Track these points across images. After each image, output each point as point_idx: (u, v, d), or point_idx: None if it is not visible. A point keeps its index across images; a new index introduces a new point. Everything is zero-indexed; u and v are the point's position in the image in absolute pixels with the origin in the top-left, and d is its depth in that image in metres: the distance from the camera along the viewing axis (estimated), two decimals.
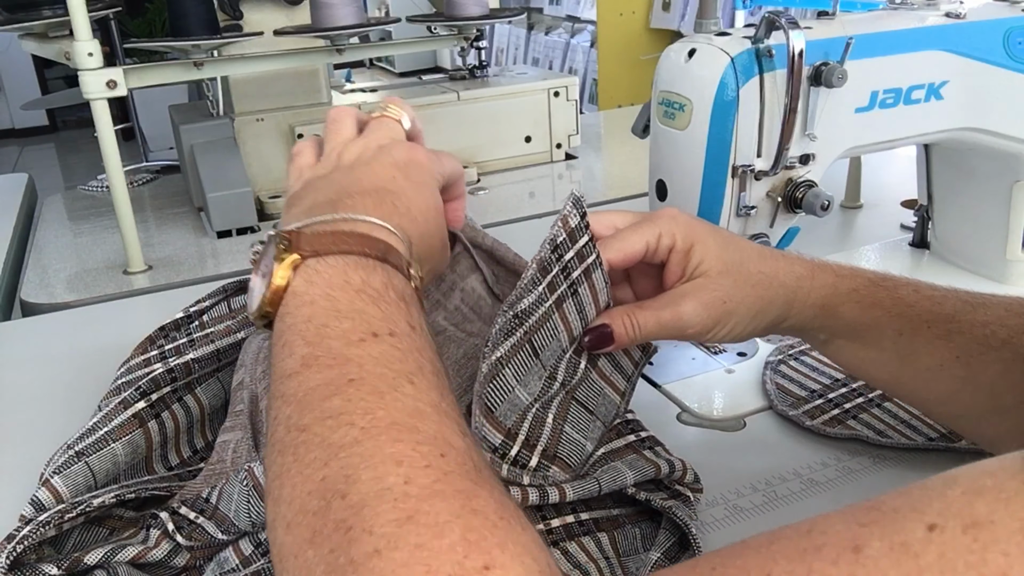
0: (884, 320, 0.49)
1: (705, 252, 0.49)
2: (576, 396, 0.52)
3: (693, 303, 0.49)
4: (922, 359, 0.48)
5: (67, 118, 6.07)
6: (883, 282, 0.50)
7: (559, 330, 0.49)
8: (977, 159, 0.75)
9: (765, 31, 0.60)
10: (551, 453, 0.49)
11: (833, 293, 0.50)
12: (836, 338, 0.51)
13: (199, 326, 0.64)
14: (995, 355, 0.46)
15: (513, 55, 4.16)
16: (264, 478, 0.44)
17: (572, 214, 0.48)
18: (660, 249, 0.50)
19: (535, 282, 0.47)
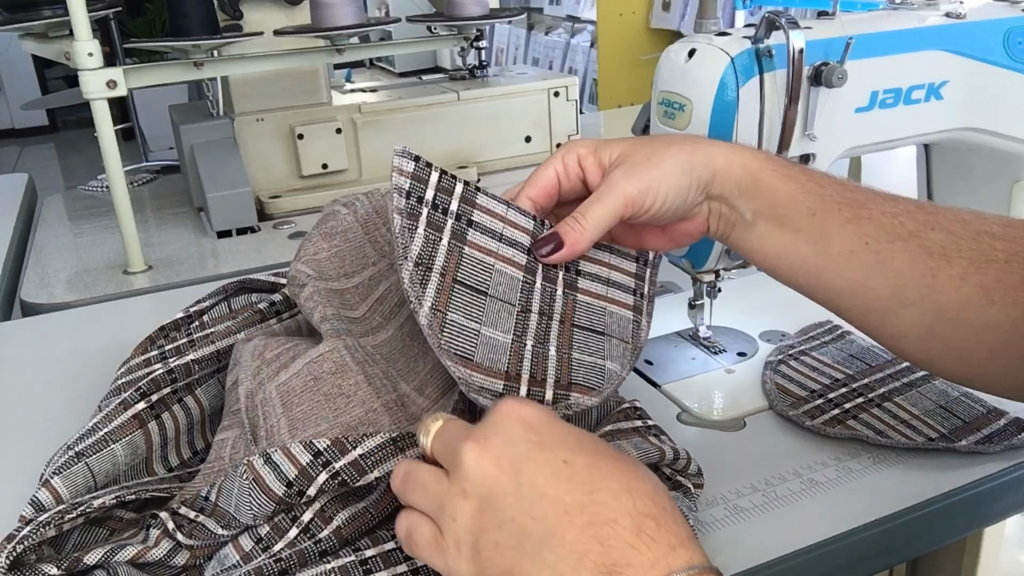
0: (798, 195, 0.50)
1: (610, 144, 0.53)
2: (576, 323, 0.52)
3: (620, 171, 0.51)
4: (834, 243, 0.49)
5: (67, 118, 6.06)
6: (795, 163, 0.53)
7: (488, 262, 0.50)
8: (977, 159, 0.75)
9: (765, 31, 0.60)
10: (565, 382, 0.49)
11: (751, 157, 0.52)
12: (759, 219, 0.51)
13: (199, 326, 0.64)
14: (902, 244, 0.47)
15: (513, 55, 4.16)
16: (264, 470, 0.44)
17: (404, 162, 0.50)
18: (569, 167, 0.53)
19: (410, 229, 0.48)
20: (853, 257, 0.49)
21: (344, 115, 1.22)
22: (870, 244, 0.48)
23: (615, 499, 0.36)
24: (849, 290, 0.50)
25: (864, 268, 0.48)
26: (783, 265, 0.52)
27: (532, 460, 0.38)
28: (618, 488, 0.37)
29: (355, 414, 0.49)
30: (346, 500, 0.46)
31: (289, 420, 0.48)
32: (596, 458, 0.38)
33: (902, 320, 0.48)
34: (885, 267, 0.48)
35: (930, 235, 0.47)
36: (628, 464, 0.39)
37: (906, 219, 0.48)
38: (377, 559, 0.43)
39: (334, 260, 0.59)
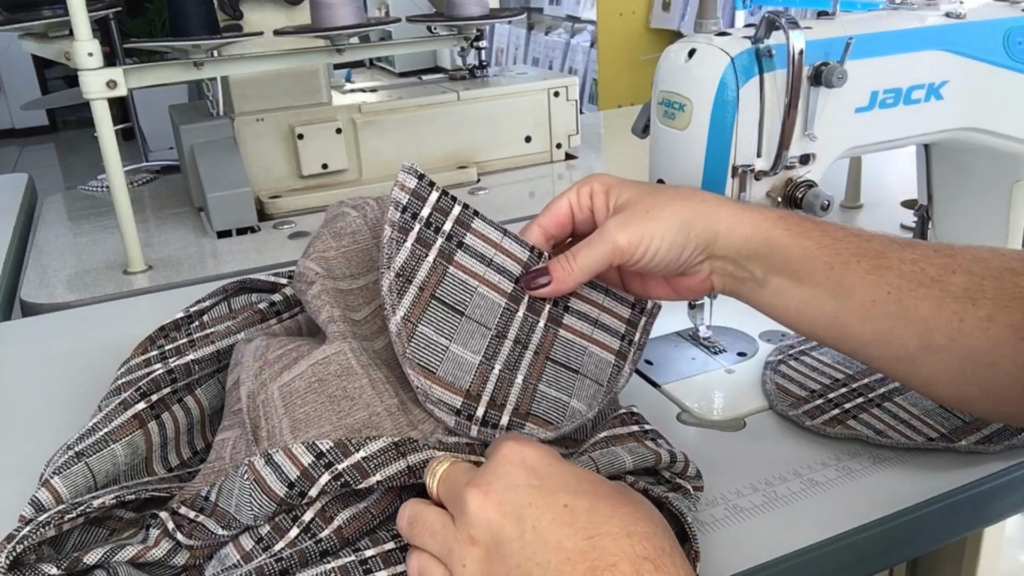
0: (813, 251, 0.50)
1: (623, 187, 0.54)
2: (552, 357, 0.54)
3: (616, 219, 0.52)
4: (855, 295, 0.48)
5: (67, 118, 6.07)
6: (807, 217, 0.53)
7: (471, 284, 0.52)
8: (977, 159, 0.75)
9: (765, 31, 0.60)
10: (523, 411, 0.51)
11: (761, 217, 0.52)
12: (772, 276, 0.51)
13: (199, 326, 0.64)
14: (925, 291, 0.47)
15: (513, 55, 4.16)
16: (265, 471, 0.44)
17: (407, 178, 0.51)
18: (582, 200, 0.55)
19: (398, 241, 0.50)
20: (875, 308, 0.48)
21: (344, 115, 1.22)
22: (892, 293, 0.48)
23: (615, 543, 0.37)
24: (874, 340, 0.49)
25: (888, 318, 0.48)
26: (802, 320, 0.52)
27: (534, 505, 0.39)
28: (618, 532, 0.38)
29: (358, 417, 0.49)
30: (347, 500, 0.46)
31: (291, 421, 0.48)
32: (596, 501, 0.39)
33: (931, 366, 0.48)
34: (909, 315, 0.47)
35: (952, 279, 0.47)
36: (628, 505, 0.40)
37: (926, 264, 0.48)
38: (377, 559, 0.43)
39: (341, 260, 0.59)
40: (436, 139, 1.29)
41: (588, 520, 0.38)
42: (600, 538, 0.37)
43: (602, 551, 0.37)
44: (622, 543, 0.37)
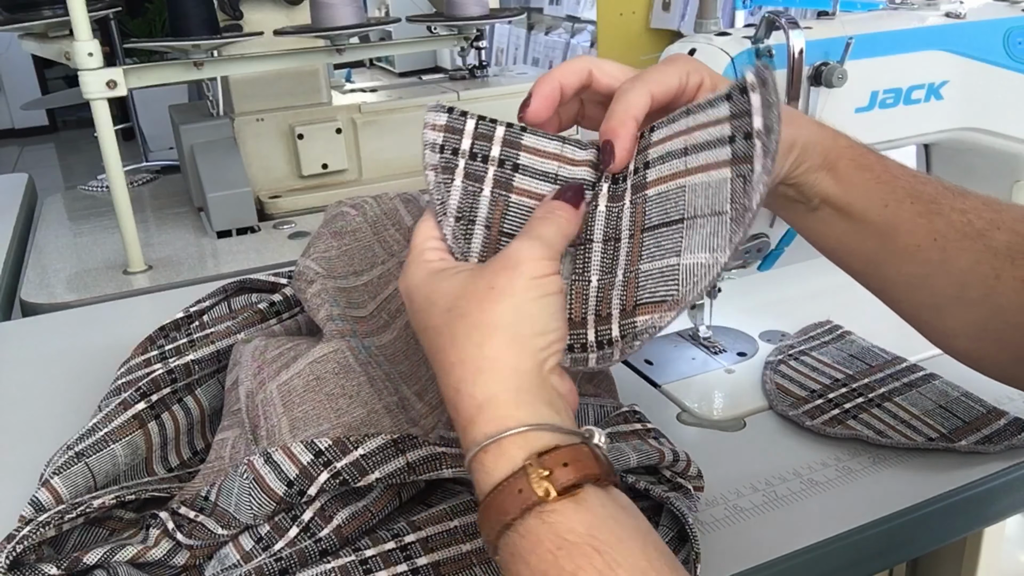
0: (872, 187, 0.48)
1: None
2: (647, 225, 0.43)
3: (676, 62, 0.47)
4: (902, 237, 0.48)
5: (67, 118, 6.06)
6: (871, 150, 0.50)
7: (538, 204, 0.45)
8: (977, 159, 0.75)
9: (765, 31, 0.60)
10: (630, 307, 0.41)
11: (834, 144, 0.49)
12: (826, 205, 0.49)
13: (199, 326, 0.64)
14: (970, 244, 0.46)
15: (513, 55, 4.16)
16: (264, 470, 0.44)
17: (436, 116, 0.45)
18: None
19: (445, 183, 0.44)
20: (919, 252, 0.47)
21: (344, 115, 1.22)
22: (938, 241, 0.47)
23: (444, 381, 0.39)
24: (908, 284, 0.49)
25: (928, 264, 0.47)
26: (841, 250, 0.50)
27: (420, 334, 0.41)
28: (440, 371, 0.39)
29: (357, 415, 0.49)
30: (346, 499, 0.46)
31: (290, 420, 0.48)
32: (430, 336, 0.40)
33: (957, 318, 0.48)
34: (949, 265, 0.47)
35: (996, 235, 0.46)
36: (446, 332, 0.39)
37: (974, 216, 0.47)
38: (377, 559, 0.43)
39: (343, 258, 0.59)
40: None
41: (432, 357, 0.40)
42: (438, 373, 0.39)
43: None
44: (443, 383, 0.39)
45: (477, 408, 0.36)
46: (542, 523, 0.34)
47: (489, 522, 0.35)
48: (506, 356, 0.37)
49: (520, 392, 0.37)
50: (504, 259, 0.40)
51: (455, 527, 0.45)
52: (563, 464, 0.34)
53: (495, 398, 0.36)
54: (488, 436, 0.36)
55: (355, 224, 0.61)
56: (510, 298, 0.38)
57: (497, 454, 0.35)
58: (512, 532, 0.34)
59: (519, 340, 0.38)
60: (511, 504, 0.34)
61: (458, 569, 0.44)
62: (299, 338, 0.57)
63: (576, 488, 0.34)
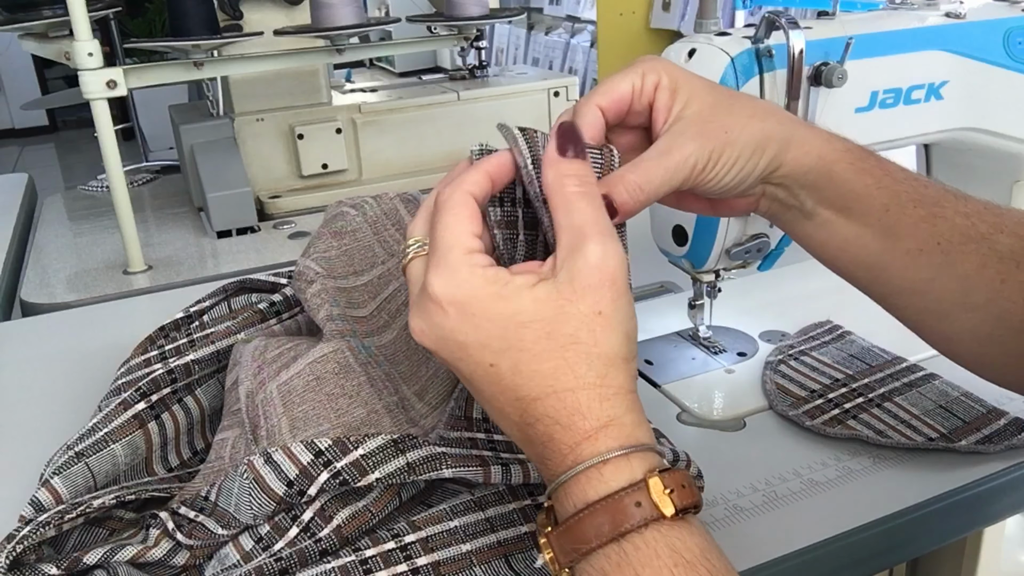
0: (873, 191, 0.47)
1: (693, 87, 0.47)
2: None
3: (693, 135, 0.45)
4: (904, 240, 0.47)
5: (67, 118, 6.07)
6: (872, 153, 0.49)
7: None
8: (977, 159, 0.75)
9: (765, 31, 0.60)
10: None
11: (829, 147, 0.47)
12: (822, 208, 0.48)
13: (199, 326, 0.64)
14: (974, 247, 0.46)
15: (513, 55, 4.16)
16: (264, 470, 0.44)
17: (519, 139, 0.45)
18: (646, 88, 0.46)
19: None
20: (921, 256, 0.47)
21: (344, 115, 1.22)
22: (941, 244, 0.46)
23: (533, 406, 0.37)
24: (911, 289, 0.48)
25: (932, 268, 0.47)
26: (842, 257, 0.49)
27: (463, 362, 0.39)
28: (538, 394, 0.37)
29: (357, 415, 0.49)
30: (346, 499, 0.46)
31: (290, 420, 0.48)
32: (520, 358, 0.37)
33: (961, 324, 0.47)
34: (953, 269, 0.46)
35: (1000, 238, 0.46)
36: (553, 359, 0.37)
37: (977, 220, 0.46)
38: (377, 559, 0.43)
39: (343, 258, 0.59)
40: (436, 139, 1.29)
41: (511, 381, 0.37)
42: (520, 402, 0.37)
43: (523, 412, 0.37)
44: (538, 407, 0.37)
45: (600, 427, 0.36)
46: (661, 538, 0.34)
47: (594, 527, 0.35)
48: (628, 382, 0.38)
49: (639, 414, 0.38)
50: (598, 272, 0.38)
51: (455, 527, 0.45)
52: (681, 486, 0.35)
53: (620, 419, 0.37)
54: (612, 450, 0.36)
55: (355, 224, 0.61)
56: (619, 325, 0.38)
57: (619, 467, 0.36)
58: (625, 542, 0.34)
59: (632, 364, 0.38)
60: (628, 515, 0.34)
61: (458, 569, 0.44)
62: (299, 338, 0.57)
63: (690, 510, 0.35)
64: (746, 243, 0.66)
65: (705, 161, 0.45)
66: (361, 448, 0.44)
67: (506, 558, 0.45)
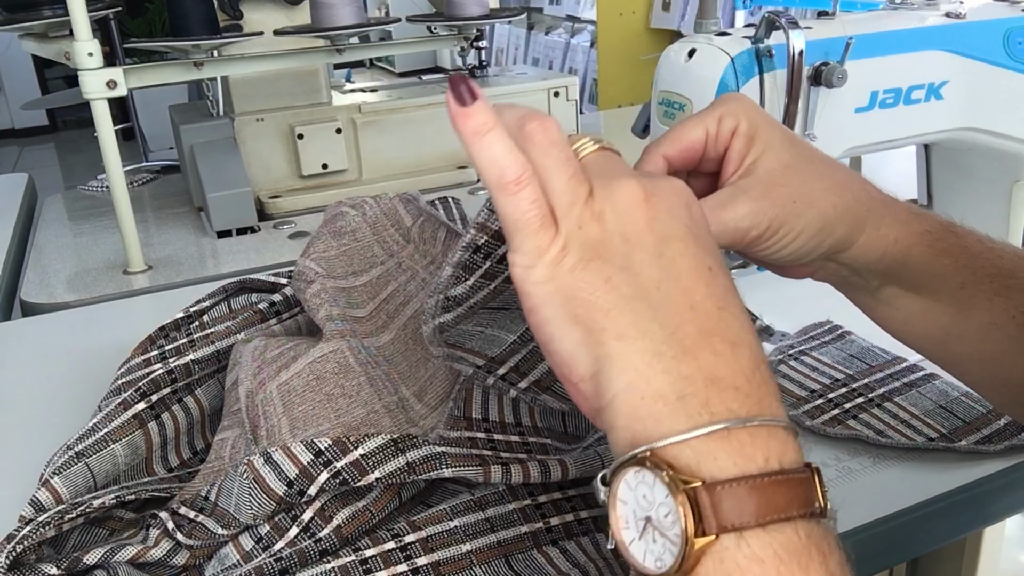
0: (950, 270, 0.44)
1: (771, 139, 0.43)
2: None
3: (756, 195, 0.41)
4: (977, 314, 0.44)
5: (67, 118, 6.07)
6: (953, 227, 0.46)
7: None
8: (977, 159, 0.75)
9: (765, 31, 0.60)
10: (545, 384, 0.46)
11: (907, 231, 0.44)
12: (889, 286, 0.45)
13: (199, 326, 0.64)
14: None
15: (513, 55, 4.16)
16: (264, 470, 0.44)
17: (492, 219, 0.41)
18: (722, 133, 0.43)
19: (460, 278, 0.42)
20: (994, 330, 0.44)
21: (344, 115, 1.22)
22: (1016, 318, 0.43)
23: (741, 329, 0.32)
24: (982, 361, 0.45)
25: (1005, 341, 0.44)
26: (909, 330, 0.46)
27: (683, 242, 0.32)
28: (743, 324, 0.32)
29: (357, 415, 0.49)
30: (346, 499, 0.46)
31: (290, 420, 0.48)
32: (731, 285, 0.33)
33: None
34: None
35: None
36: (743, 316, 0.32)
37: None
38: (377, 559, 0.43)
39: (343, 258, 0.59)
40: (436, 139, 1.29)
41: (723, 292, 0.32)
42: (728, 315, 0.32)
43: (727, 326, 0.31)
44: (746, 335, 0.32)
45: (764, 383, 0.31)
46: (822, 530, 0.31)
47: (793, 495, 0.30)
48: None
49: None
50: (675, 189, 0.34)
51: (455, 527, 0.45)
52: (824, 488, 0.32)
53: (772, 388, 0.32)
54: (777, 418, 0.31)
55: (355, 224, 0.61)
56: None
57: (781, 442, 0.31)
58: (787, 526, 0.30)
59: None
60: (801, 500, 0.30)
61: (458, 569, 0.44)
62: (299, 338, 0.57)
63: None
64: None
65: (763, 229, 0.42)
66: (361, 448, 0.44)
67: (506, 558, 0.45)
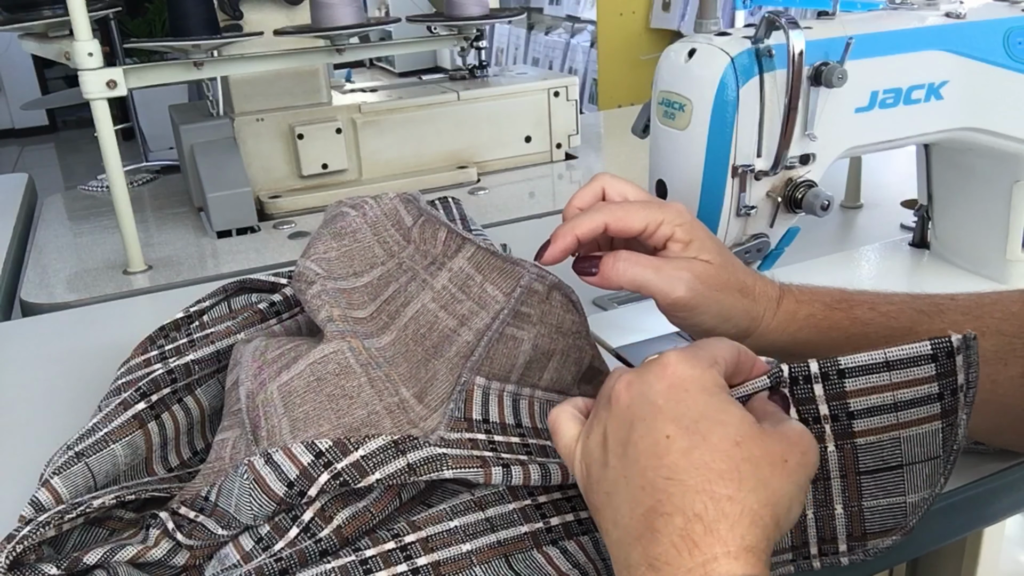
0: (841, 341, 0.50)
1: (703, 247, 0.52)
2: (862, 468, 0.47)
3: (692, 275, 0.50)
4: None
5: (67, 118, 6.07)
6: (839, 304, 0.52)
7: None
8: (977, 159, 0.75)
9: (765, 31, 0.60)
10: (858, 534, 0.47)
11: (791, 320, 0.52)
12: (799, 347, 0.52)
13: (199, 326, 0.64)
14: None
15: (513, 55, 4.16)
16: (264, 470, 0.44)
17: None
18: (657, 235, 0.52)
19: None
20: None
21: (344, 115, 1.22)
22: None
23: (683, 495, 0.36)
24: None
25: None
26: None
27: (644, 421, 0.38)
28: (693, 484, 0.36)
29: (357, 415, 0.49)
30: (346, 499, 0.46)
31: (291, 420, 0.48)
32: (697, 445, 0.37)
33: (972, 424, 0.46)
34: None
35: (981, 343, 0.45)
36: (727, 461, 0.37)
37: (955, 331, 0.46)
38: (377, 559, 0.43)
39: (343, 259, 0.59)
40: (436, 139, 1.29)
41: (675, 461, 0.37)
42: (673, 483, 0.36)
43: (668, 497, 0.36)
44: (689, 497, 0.36)
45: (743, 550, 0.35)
46: None
47: None
48: (772, 525, 0.37)
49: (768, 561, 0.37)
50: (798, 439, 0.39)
51: (455, 527, 0.45)
52: None
53: (758, 551, 0.36)
54: None
55: (355, 225, 0.61)
56: (794, 482, 0.38)
57: None
58: None
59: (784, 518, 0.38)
60: None
61: (458, 569, 0.44)
62: (299, 338, 0.57)
63: None
64: (746, 243, 0.66)
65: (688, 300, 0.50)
66: (362, 449, 0.45)
67: (506, 558, 0.45)
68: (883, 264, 0.84)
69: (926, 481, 0.45)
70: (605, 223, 0.51)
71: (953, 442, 0.43)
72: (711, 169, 0.63)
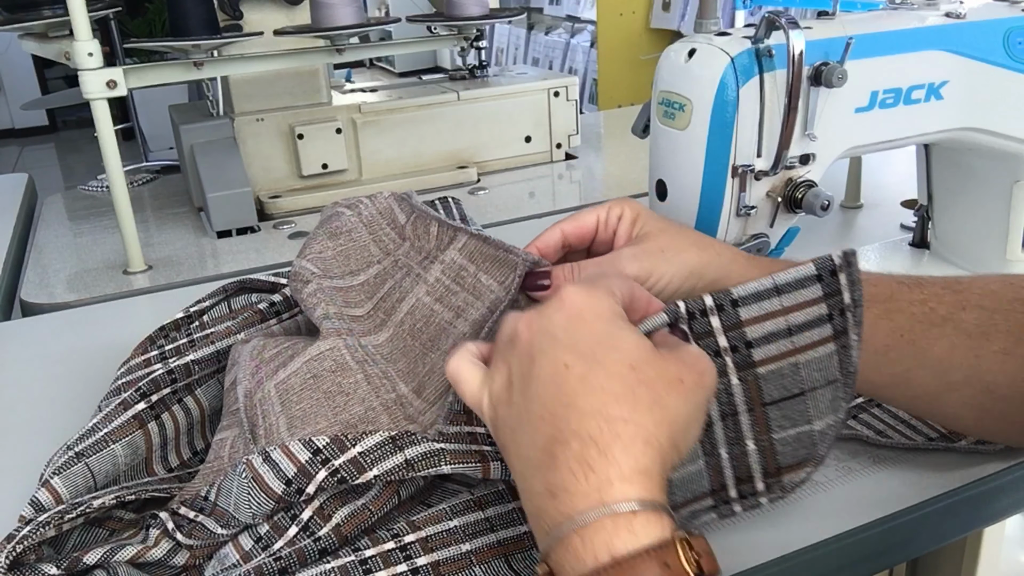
0: None
1: (649, 219, 0.54)
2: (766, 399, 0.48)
3: (631, 250, 0.52)
4: (869, 342, 0.47)
5: (67, 118, 6.07)
6: None
7: None
8: (977, 159, 0.75)
9: (765, 31, 0.60)
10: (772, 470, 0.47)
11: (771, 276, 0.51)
12: None
13: (199, 326, 0.64)
14: (938, 331, 0.47)
15: (513, 55, 4.16)
16: (263, 468, 0.44)
17: None
18: (610, 219, 0.54)
19: None
20: (890, 352, 0.48)
21: (344, 115, 1.22)
22: (905, 336, 0.47)
23: (579, 420, 0.36)
24: (892, 383, 0.49)
25: (903, 360, 0.48)
26: None
27: (544, 353, 0.39)
28: (589, 408, 0.36)
29: (354, 412, 0.49)
30: (345, 497, 0.46)
31: (288, 418, 0.48)
32: (593, 370, 0.38)
33: (952, 403, 0.48)
34: (925, 356, 0.47)
35: (963, 315, 0.47)
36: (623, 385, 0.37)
37: (936, 304, 0.47)
38: (376, 559, 0.43)
39: (339, 258, 0.59)
40: (436, 139, 1.29)
41: (572, 387, 0.37)
42: (571, 409, 0.37)
43: (564, 423, 0.37)
44: (585, 422, 0.36)
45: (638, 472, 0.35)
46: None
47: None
48: (668, 446, 0.37)
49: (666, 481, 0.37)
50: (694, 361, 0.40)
51: (455, 527, 0.45)
52: (707, 552, 0.34)
53: (652, 473, 0.36)
54: (645, 501, 0.35)
55: (351, 224, 0.61)
56: (692, 402, 0.39)
57: (650, 521, 0.34)
58: None
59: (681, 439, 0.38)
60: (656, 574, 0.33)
61: (458, 569, 0.44)
62: (296, 337, 0.57)
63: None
64: (746, 243, 0.66)
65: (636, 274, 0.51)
66: (359, 445, 0.45)
67: (506, 558, 0.45)
68: (883, 264, 0.84)
69: (829, 406, 0.45)
70: (561, 231, 0.54)
71: (849, 364, 0.44)
72: (711, 169, 0.63)
